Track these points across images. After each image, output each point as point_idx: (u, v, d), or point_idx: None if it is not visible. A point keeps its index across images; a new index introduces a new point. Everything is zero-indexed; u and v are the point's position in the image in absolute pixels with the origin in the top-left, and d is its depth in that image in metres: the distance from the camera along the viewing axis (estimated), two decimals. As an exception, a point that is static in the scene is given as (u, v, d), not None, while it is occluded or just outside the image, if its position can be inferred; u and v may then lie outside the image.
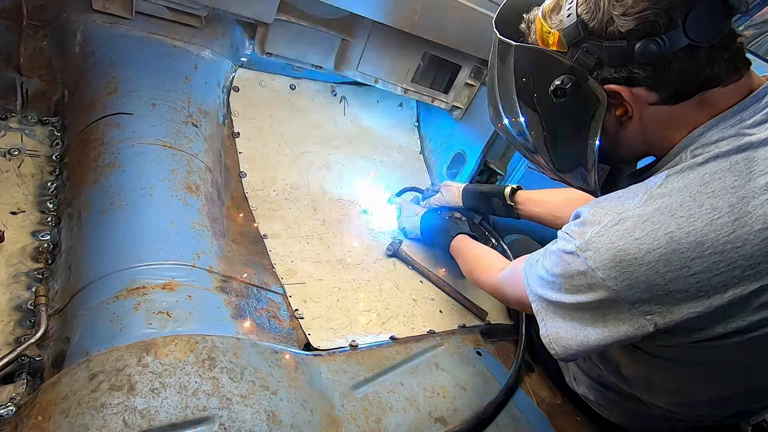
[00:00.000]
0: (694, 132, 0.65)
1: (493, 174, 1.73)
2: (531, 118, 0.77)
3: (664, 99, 0.65)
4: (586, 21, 0.63)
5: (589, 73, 0.65)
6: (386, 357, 0.99)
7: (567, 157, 0.77)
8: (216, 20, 1.29)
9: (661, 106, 0.66)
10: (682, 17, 0.58)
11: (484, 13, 1.35)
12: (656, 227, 0.60)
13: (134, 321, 0.75)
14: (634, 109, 0.67)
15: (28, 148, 1.06)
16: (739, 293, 0.58)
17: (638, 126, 0.69)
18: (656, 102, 0.65)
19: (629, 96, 0.65)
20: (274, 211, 1.29)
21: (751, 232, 0.56)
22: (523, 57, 0.72)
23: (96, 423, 0.60)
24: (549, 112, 0.73)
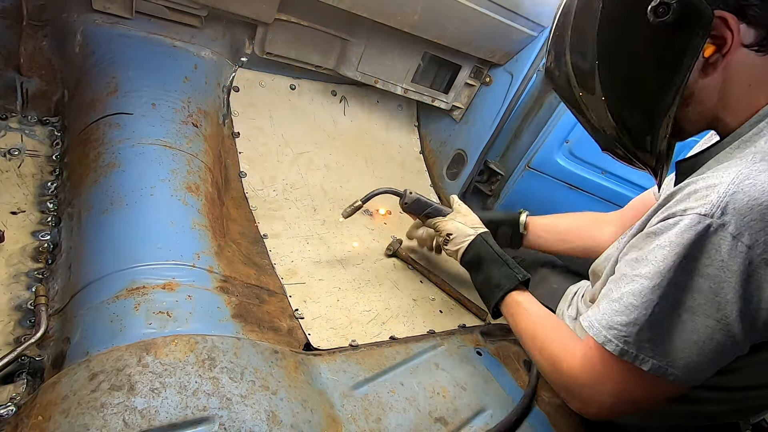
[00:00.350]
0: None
1: (493, 174, 1.73)
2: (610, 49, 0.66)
3: (761, 40, 0.58)
4: None
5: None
6: (386, 357, 0.99)
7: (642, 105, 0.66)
8: (216, 20, 1.29)
9: (753, 52, 0.59)
10: None
11: (484, 13, 1.35)
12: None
13: (134, 321, 0.75)
14: (733, 43, 0.59)
15: (28, 148, 1.06)
16: None
17: (722, 75, 0.62)
18: (751, 43, 0.59)
19: (735, 25, 0.58)
20: (274, 211, 1.29)
21: None
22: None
23: (96, 423, 0.60)
24: (638, 37, 0.63)
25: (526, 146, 1.62)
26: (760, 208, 0.53)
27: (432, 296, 1.29)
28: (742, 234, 0.53)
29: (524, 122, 1.65)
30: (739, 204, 0.54)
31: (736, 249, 0.54)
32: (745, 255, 0.54)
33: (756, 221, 0.53)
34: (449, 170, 1.74)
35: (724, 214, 0.54)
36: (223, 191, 1.20)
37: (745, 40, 0.59)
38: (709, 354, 0.60)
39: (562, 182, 1.63)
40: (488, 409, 0.98)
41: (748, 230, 0.53)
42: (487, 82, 1.67)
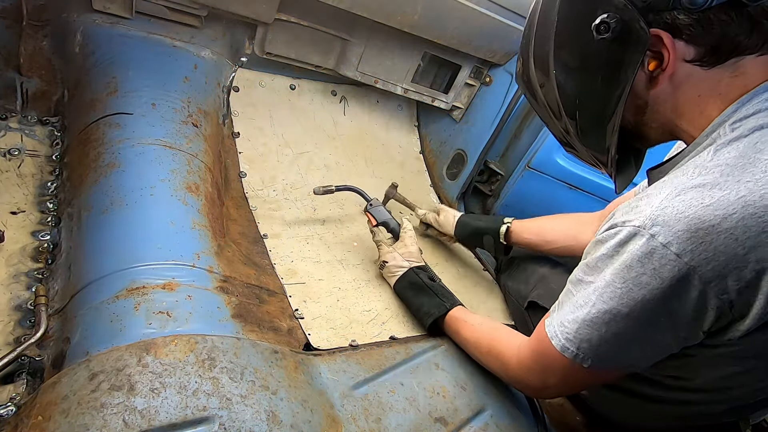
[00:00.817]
0: (728, 109, 0.64)
1: (493, 174, 1.73)
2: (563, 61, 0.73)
3: (701, 56, 0.63)
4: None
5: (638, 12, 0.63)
6: (386, 357, 0.99)
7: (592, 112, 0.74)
8: (216, 20, 1.29)
9: (696, 66, 0.64)
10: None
11: (484, 13, 1.35)
12: (726, 193, 0.57)
13: (134, 321, 0.75)
14: (670, 60, 0.64)
15: (28, 148, 1.06)
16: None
17: (669, 85, 0.67)
18: (692, 59, 0.64)
19: (670, 42, 0.63)
20: (274, 211, 1.29)
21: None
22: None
23: (96, 423, 0.60)
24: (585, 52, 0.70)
25: (526, 146, 1.62)
26: (687, 221, 0.57)
27: (432, 296, 1.29)
28: (671, 243, 0.58)
29: (524, 122, 1.65)
30: (668, 217, 0.59)
31: (666, 257, 0.59)
32: (674, 262, 0.59)
33: (683, 232, 0.57)
34: (449, 170, 1.74)
35: (654, 225, 0.60)
36: (223, 191, 1.20)
37: (687, 56, 0.64)
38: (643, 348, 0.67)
39: (562, 182, 1.63)
40: (488, 409, 0.98)
41: (676, 240, 0.58)
42: (487, 82, 1.67)
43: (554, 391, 0.81)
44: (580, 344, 0.70)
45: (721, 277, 0.58)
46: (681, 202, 0.59)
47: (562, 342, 0.72)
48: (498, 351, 0.91)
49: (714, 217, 0.56)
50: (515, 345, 0.86)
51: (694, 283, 0.59)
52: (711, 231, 0.56)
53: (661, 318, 0.64)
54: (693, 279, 0.59)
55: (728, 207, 0.56)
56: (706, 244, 0.57)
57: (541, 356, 0.78)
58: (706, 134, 0.66)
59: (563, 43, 0.73)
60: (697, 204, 0.58)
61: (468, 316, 1.04)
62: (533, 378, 0.81)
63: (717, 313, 0.61)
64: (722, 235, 0.56)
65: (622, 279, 0.64)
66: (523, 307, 1.25)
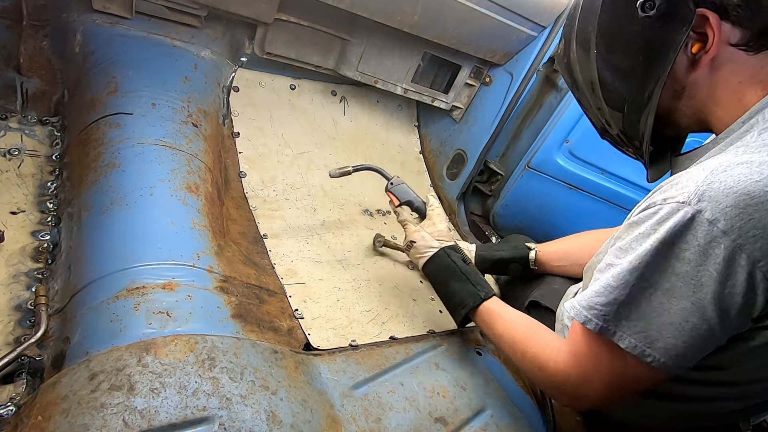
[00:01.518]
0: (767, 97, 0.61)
1: (493, 174, 1.74)
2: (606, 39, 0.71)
3: (747, 40, 0.61)
4: None
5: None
6: (386, 357, 0.99)
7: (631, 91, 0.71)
8: (216, 20, 1.29)
9: (740, 51, 0.62)
10: None
11: (484, 13, 1.35)
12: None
13: (134, 321, 0.75)
14: (715, 40, 0.62)
15: (28, 148, 1.06)
16: None
17: (709, 70, 0.65)
18: (737, 42, 0.62)
19: (716, 23, 0.61)
20: (274, 211, 1.29)
21: None
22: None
23: (96, 423, 0.60)
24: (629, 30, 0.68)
25: (526, 146, 1.62)
26: (735, 195, 0.54)
27: (432, 296, 1.29)
28: (718, 220, 0.55)
29: (524, 122, 1.65)
30: (715, 192, 0.56)
31: (711, 234, 0.56)
32: (720, 239, 0.56)
33: (731, 207, 0.54)
34: (449, 170, 1.74)
35: (701, 201, 0.56)
36: (223, 191, 1.20)
37: (732, 39, 0.62)
38: (686, 337, 0.61)
39: (562, 182, 1.63)
40: (488, 409, 0.98)
41: (724, 216, 0.55)
42: (487, 82, 1.67)
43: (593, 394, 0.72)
44: (619, 323, 0.64)
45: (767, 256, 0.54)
46: (729, 177, 0.55)
47: (600, 324, 0.66)
48: (534, 353, 0.81)
49: (764, 193, 0.53)
50: (553, 347, 0.79)
51: (741, 263, 0.56)
52: (760, 207, 0.53)
53: (708, 303, 0.59)
54: (740, 258, 0.55)
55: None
56: (755, 220, 0.54)
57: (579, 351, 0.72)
58: (742, 121, 0.64)
59: (607, 21, 0.71)
60: (746, 179, 0.54)
61: (502, 309, 0.95)
62: (573, 378, 0.73)
63: (766, 295, 0.57)
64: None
65: (664, 256, 0.60)
66: (524, 307, 1.25)
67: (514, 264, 1.20)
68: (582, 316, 0.68)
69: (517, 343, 0.86)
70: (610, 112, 0.76)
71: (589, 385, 0.72)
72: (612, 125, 0.78)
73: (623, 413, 0.96)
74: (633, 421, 0.95)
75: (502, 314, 0.93)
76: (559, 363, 0.75)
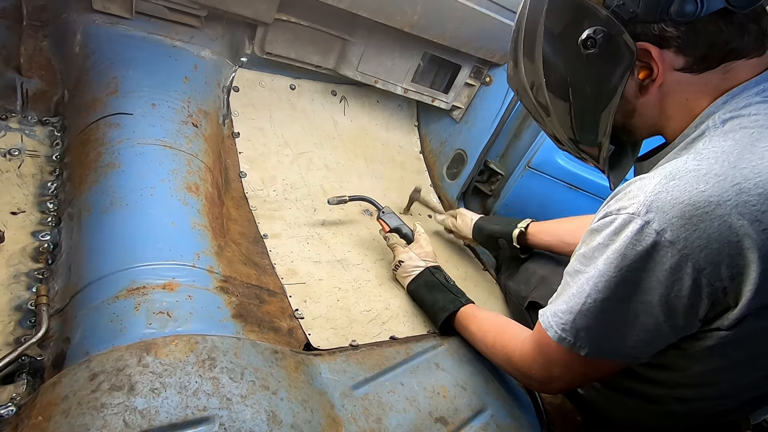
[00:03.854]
0: (717, 100, 0.64)
1: (493, 174, 1.73)
2: (552, 74, 0.74)
3: (690, 65, 0.64)
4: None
5: (623, 27, 0.63)
6: (386, 357, 0.99)
7: (582, 119, 0.75)
8: (216, 20, 1.29)
9: (685, 73, 0.64)
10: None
11: (484, 13, 1.35)
12: (721, 179, 0.56)
13: (134, 321, 0.75)
14: (659, 71, 0.65)
15: (28, 148, 1.06)
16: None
17: (658, 93, 0.68)
18: (682, 67, 0.64)
19: (658, 56, 0.64)
20: (274, 211, 1.29)
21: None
22: (556, 4, 0.70)
23: (96, 423, 0.60)
24: (572, 67, 0.71)
25: (526, 146, 1.62)
26: (681, 206, 0.57)
27: (432, 296, 1.29)
28: (665, 230, 0.58)
29: (524, 122, 1.65)
30: (662, 203, 0.58)
31: (659, 243, 0.58)
32: (668, 249, 0.58)
33: (677, 218, 0.57)
34: (449, 170, 1.74)
35: (649, 212, 0.59)
36: (223, 191, 1.20)
37: (676, 65, 0.64)
38: (640, 337, 0.66)
39: (562, 182, 1.63)
40: (488, 409, 0.98)
41: (670, 227, 0.57)
42: (487, 82, 1.67)
43: (558, 384, 0.79)
44: (577, 333, 0.69)
45: (715, 264, 0.57)
46: (676, 187, 0.58)
47: (558, 333, 0.71)
48: (503, 344, 0.90)
49: (708, 204, 0.55)
50: (520, 338, 0.86)
51: (687, 270, 0.58)
52: (705, 218, 0.55)
53: (656, 306, 0.63)
54: (687, 267, 0.58)
55: (723, 194, 0.55)
56: (700, 231, 0.56)
57: (542, 347, 0.77)
58: (695, 125, 0.66)
59: (551, 54, 0.73)
60: (692, 189, 0.57)
61: (478, 311, 1.05)
62: (537, 371, 0.80)
63: (711, 300, 0.60)
64: (716, 222, 0.55)
65: (617, 268, 0.63)
66: (524, 307, 1.25)
67: (502, 240, 1.29)
68: (546, 322, 0.74)
69: (488, 337, 0.96)
70: (565, 132, 0.79)
71: (552, 373, 0.77)
72: (569, 143, 0.82)
73: (622, 414, 0.96)
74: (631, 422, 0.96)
75: (476, 314, 1.03)
76: (525, 352, 0.82)
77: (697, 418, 0.85)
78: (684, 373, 0.76)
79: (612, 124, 0.72)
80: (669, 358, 0.74)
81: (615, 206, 0.65)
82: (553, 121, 0.80)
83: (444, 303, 1.09)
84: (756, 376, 0.72)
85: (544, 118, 0.82)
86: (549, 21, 0.71)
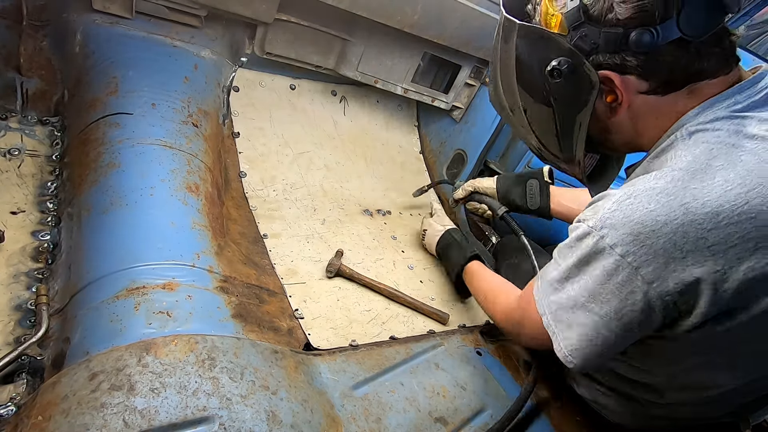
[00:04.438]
0: (688, 113, 0.67)
1: (493, 174, 1.73)
2: (526, 98, 0.79)
3: (654, 88, 0.67)
4: (587, 6, 0.66)
5: (585, 57, 0.67)
6: (386, 357, 0.99)
7: (558, 139, 0.79)
8: (216, 20, 1.29)
9: (651, 95, 0.68)
10: (676, 11, 0.60)
11: (484, 13, 1.35)
12: (671, 199, 0.60)
13: (134, 321, 0.75)
14: (623, 97, 0.69)
15: (28, 148, 1.06)
16: (752, 266, 0.58)
17: (628, 114, 0.71)
18: (646, 91, 0.68)
19: (620, 83, 0.68)
20: (274, 211, 1.29)
21: (763, 203, 0.58)
22: (524, 37, 0.74)
23: (96, 423, 0.60)
24: (543, 93, 0.75)
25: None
26: (631, 225, 0.61)
27: (432, 296, 1.29)
28: (617, 245, 0.62)
29: (524, 122, 1.65)
30: (616, 220, 0.63)
31: (612, 257, 0.63)
32: (619, 262, 0.63)
33: (627, 235, 0.62)
34: (449, 170, 1.74)
35: (603, 227, 0.64)
36: (223, 191, 1.20)
37: (641, 88, 0.68)
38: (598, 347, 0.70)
39: (561, 182, 1.63)
40: (488, 409, 0.98)
41: (621, 242, 0.62)
42: (487, 82, 1.67)
43: (525, 340, 0.89)
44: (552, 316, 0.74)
45: (662, 278, 0.61)
46: (629, 206, 0.63)
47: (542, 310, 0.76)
48: (494, 297, 1.02)
49: (656, 222, 0.60)
50: (510, 294, 0.96)
51: (637, 282, 0.62)
52: (651, 235, 0.60)
53: (611, 311, 0.67)
54: (636, 279, 0.62)
55: (670, 213, 0.60)
56: (647, 247, 0.60)
57: (523, 311, 0.84)
58: (667, 135, 0.69)
59: (524, 82, 0.78)
60: (643, 209, 0.61)
61: (483, 269, 1.17)
62: (511, 325, 0.91)
63: (662, 311, 0.63)
64: (662, 239, 0.60)
65: (580, 271, 0.69)
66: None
67: (532, 180, 1.29)
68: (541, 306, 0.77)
69: (487, 292, 1.08)
70: (545, 149, 0.85)
71: (523, 330, 0.86)
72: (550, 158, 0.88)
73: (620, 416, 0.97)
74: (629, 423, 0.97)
75: (481, 272, 1.17)
76: (509, 305, 0.92)
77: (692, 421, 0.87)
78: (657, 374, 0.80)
79: (585, 143, 0.76)
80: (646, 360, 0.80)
81: (583, 215, 0.70)
82: (533, 140, 0.86)
83: (457, 259, 1.23)
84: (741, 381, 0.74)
85: (525, 135, 0.87)
86: (519, 52, 0.76)
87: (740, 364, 0.72)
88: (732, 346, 0.69)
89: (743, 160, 0.60)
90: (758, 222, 0.58)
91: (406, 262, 1.37)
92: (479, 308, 1.33)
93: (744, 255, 0.58)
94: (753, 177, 0.59)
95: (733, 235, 0.58)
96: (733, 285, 0.59)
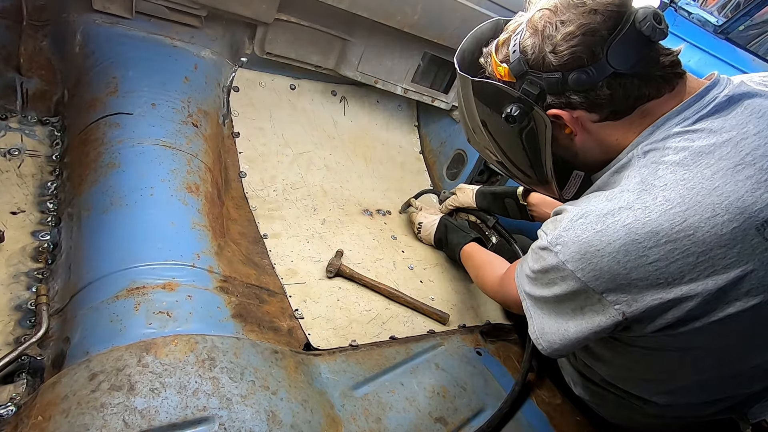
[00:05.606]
0: (643, 133, 0.72)
1: (492, 174, 1.73)
2: (495, 138, 0.86)
3: (605, 117, 0.72)
4: (527, 55, 0.71)
5: (534, 101, 0.73)
6: (386, 357, 0.99)
7: (530, 168, 0.86)
8: (216, 20, 1.29)
9: (605, 122, 0.73)
10: (603, 51, 0.66)
11: (484, 13, 1.35)
12: (615, 219, 0.65)
13: (134, 321, 0.75)
14: (576, 129, 0.75)
15: (28, 148, 1.06)
16: (694, 278, 0.62)
17: (589, 138, 0.76)
18: (598, 120, 0.73)
19: (570, 119, 0.73)
20: (274, 211, 1.29)
21: (701, 220, 0.61)
22: (478, 89, 0.81)
23: (96, 423, 0.60)
24: (506, 136, 0.83)
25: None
26: (579, 244, 0.67)
27: (432, 296, 1.29)
28: (568, 261, 0.68)
29: (524, 122, 1.65)
30: (567, 239, 0.68)
31: (564, 271, 0.69)
32: (571, 277, 0.68)
33: (576, 253, 0.67)
34: (449, 170, 1.74)
35: (557, 245, 0.69)
36: (223, 191, 1.20)
37: (592, 119, 0.73)
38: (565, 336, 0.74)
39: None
40: (488, 409, 0.98)
41: (571, 259, 0.67)
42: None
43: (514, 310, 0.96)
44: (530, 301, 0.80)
45: (609, 291, 0.66)
46: (579, 225, 0.68)
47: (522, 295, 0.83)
48: (484, 271, 1.13)
49: (600, 242, 0.65)
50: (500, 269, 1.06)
51: (588, 294, 0.68)
52: (597, 254, 0.65)
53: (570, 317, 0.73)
54: (587, 291, 0.68)
55: (613, 234, 0.64)
56: (593, 264, 0.66)
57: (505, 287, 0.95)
58: (625, 152, 0.74)
59: (489, 127, 0.85)
60: (590, 229, 0.66)
61: (479, 249, 1.26)
62: (499, 297, 1.02)
63: (615, 319, 0.68)
64: (605, 258, 0.65)
65: (543, 277, 0.74)
66: None
67: (509, 199, 1.36)
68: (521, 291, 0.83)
69: (480, 268, 1.17)
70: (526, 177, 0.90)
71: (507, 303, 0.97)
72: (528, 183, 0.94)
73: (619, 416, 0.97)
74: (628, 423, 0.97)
75: (477, 251, 1.26)
76: (497, 278, 1.02)
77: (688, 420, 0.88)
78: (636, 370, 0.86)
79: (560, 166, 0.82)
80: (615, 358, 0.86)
81: (545, 226, 0.75)
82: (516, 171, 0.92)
83: (458, 240, 1.32)
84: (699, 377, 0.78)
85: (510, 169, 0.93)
86: (478, 102, 0.83)
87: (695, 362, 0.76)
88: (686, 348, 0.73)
89: (685, 179, 0.64)
90: (696, 239, 0.61)
91: (406, 262, 1.37)
92: (479, 308, 1.33)
93: (685, 269, 0.62)
94: (692, 195, 0.62)
95: (672, 251, 0.62)
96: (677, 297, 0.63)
